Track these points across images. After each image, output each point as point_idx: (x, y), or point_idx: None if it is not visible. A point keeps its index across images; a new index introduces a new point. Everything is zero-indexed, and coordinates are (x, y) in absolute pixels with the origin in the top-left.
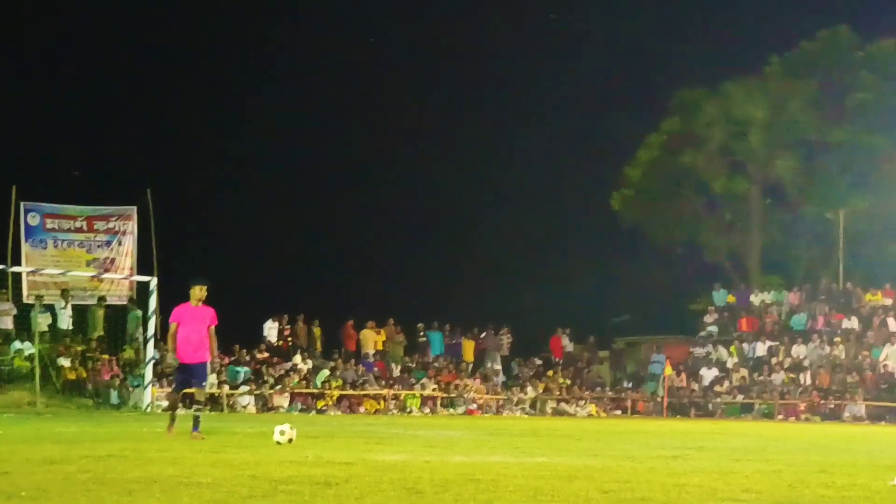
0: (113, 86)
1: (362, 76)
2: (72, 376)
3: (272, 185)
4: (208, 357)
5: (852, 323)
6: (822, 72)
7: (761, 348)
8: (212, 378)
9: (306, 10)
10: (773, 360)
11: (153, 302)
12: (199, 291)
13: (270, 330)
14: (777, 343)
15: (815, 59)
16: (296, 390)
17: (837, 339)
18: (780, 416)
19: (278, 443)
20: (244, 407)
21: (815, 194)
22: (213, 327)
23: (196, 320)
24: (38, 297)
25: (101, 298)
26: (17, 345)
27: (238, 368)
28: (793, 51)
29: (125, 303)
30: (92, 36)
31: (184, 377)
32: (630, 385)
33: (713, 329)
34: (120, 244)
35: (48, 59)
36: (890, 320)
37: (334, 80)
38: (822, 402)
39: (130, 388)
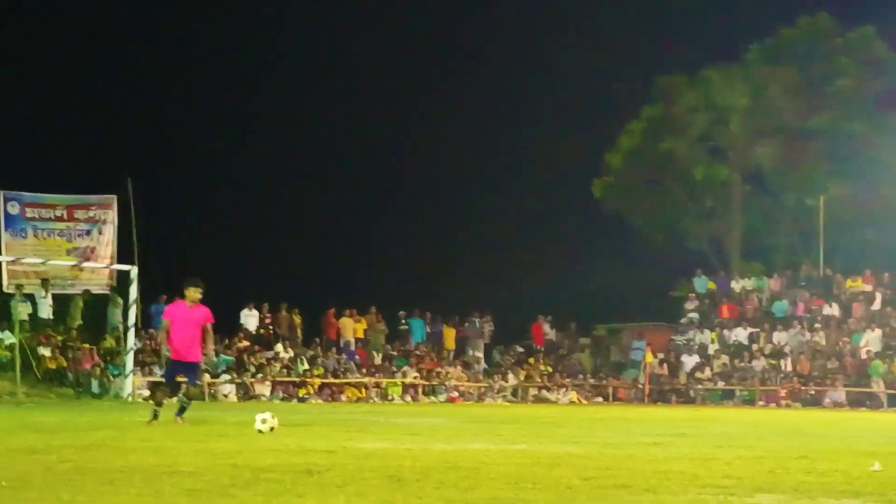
0: (93, 74)
1: (342, 62)
2: (52, 366)
3: (253, 174)
4: (201, 357)
5: (833, 309)
6: (802, 59)
7: (742, 335)
8: None
9: None
10: (754, 347)
11: (134, 291)
12: (192, 293)
13: (248, 318)
14: (758, 329)
15: (795, 45)
16: (277, 379)
17: (818, 325)
18: (761, 403)
19: (260, 431)
20: (225, 395)
21: (795, 181)
22: (209, 325)
23: (189, 321)
24: (19, 287)
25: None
26: None
27: (220, 357)
28: (772, 38)
29: (106, 292)
30: (72, 23)
31: (175, 374)
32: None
33: (694, 316)
34: (100, 233)
35: (27, 47)
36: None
37: (314, 67)
38: (802, 388)
39: (111, 378)
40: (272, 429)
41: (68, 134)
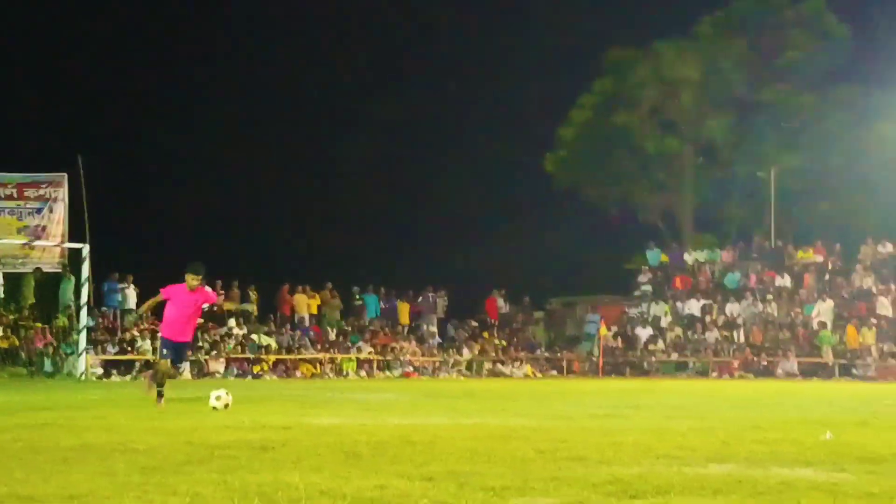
0: (43, 51)
1: (293, 36)
2: (4, 345)
3: (205, 149)
4: (191, 338)
5: (784, 280)
6: (752, 31)
7: (695, 307)
8: (146, 344)
9: None
10: (707, 319)
11: (86, 269)
12: (190, 279)
13: None
14: (710, 301)
15: (745, 18)
16: (231, 355)
17: (770, 296)
18: (715, 374)
19: (214, 408)
20: (179, 373)
21: (746, 153)
22: (217, 301)
23: (187, 304)
24: None
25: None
26: None
27: None
28: (723, 10)
29: (58, 270)
30: (20, 2)
31: (171, 352)
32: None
33: (647, 288)
34: (51, 211)
35: None
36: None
37: (265, 40)
38: (755, 359)
39: (64, 356)
40: (227, 405)
41: (18, 112)
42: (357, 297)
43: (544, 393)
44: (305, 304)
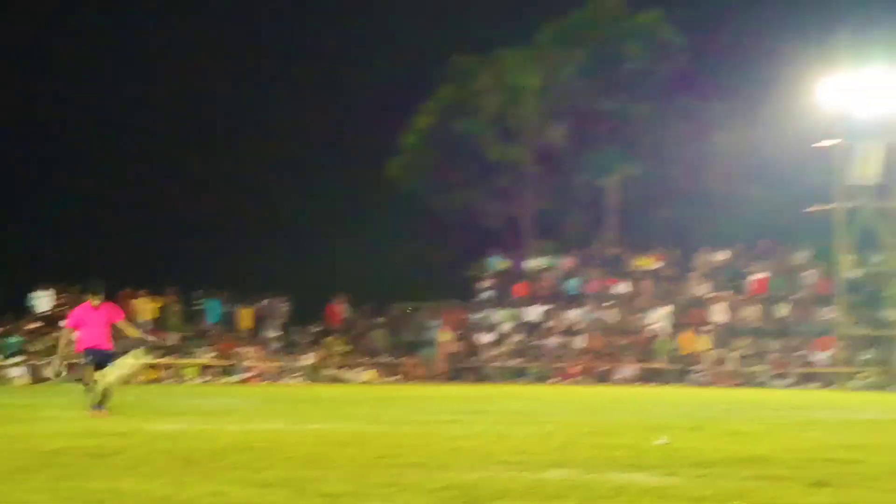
0: None
1: (122, 36)
2: None
3: (44, 151)
4: (112, 347)
5: (623, 287)
6: (592, 41)
7: (535, 313)
8: None
9: None
10: (548, 325)
11: None
12: (93, 299)
13: (40, 299)
14: (551, 308)
15: (585, 28)
16: (67, 361)
17: (609, 303)
18: (554, 380)
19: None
20: (15, 378)
21: (587, 161)
22: (120, 321)
23: (97, 322)
24: None
25: None
26: None
27: (10, 339)
28: (563, 19)
29: None
30: None
31: (94, 358)
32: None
33: (489, 294)
34: None
35: None
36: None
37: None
38: (594, 365)
39: None
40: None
41: None
42: (199, 301)
43: (386, 398)
44: (146, 308)
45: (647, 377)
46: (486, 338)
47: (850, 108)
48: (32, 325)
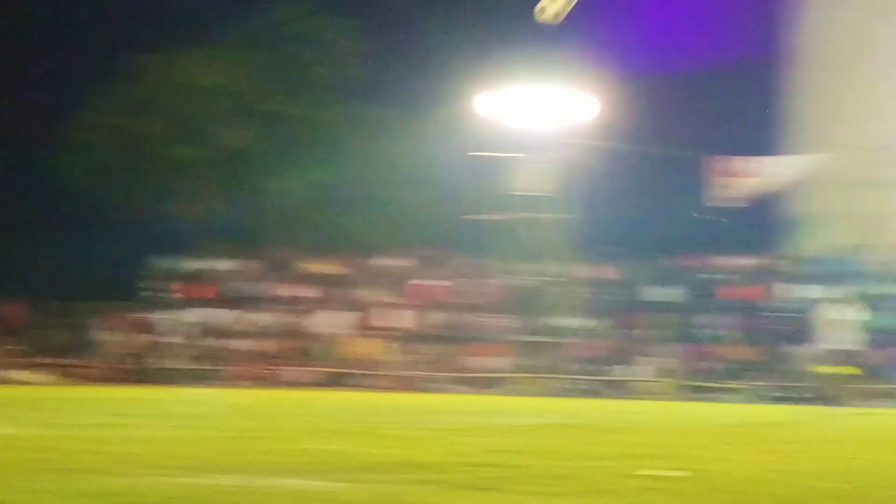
0: None
1: None
2: None
3: None
4: None
5: (296, 290)
6: (276, 44)
7: (211, 315)
8: None
9: None
10: (224, 327)
11: None
12: None
13: None
14: (227, 310)
15: (268, 31)
16: None
17: (287, 306)
18: (228, 383)
19: None
20: None
21: (266, 164)
22: None
23: None
24: None
25: None
26: None
27: None
28: (248, 22)
29: None
30: None
31: None
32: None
33: (165, 296)
34: None
35: None
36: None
37: None
38: (273, 368)
39: None
40: None
41: None
42: None
43: (58, 400)
44: None
45: (320, 382)
46: (164, 339)
47: (509, 123)
48: None
